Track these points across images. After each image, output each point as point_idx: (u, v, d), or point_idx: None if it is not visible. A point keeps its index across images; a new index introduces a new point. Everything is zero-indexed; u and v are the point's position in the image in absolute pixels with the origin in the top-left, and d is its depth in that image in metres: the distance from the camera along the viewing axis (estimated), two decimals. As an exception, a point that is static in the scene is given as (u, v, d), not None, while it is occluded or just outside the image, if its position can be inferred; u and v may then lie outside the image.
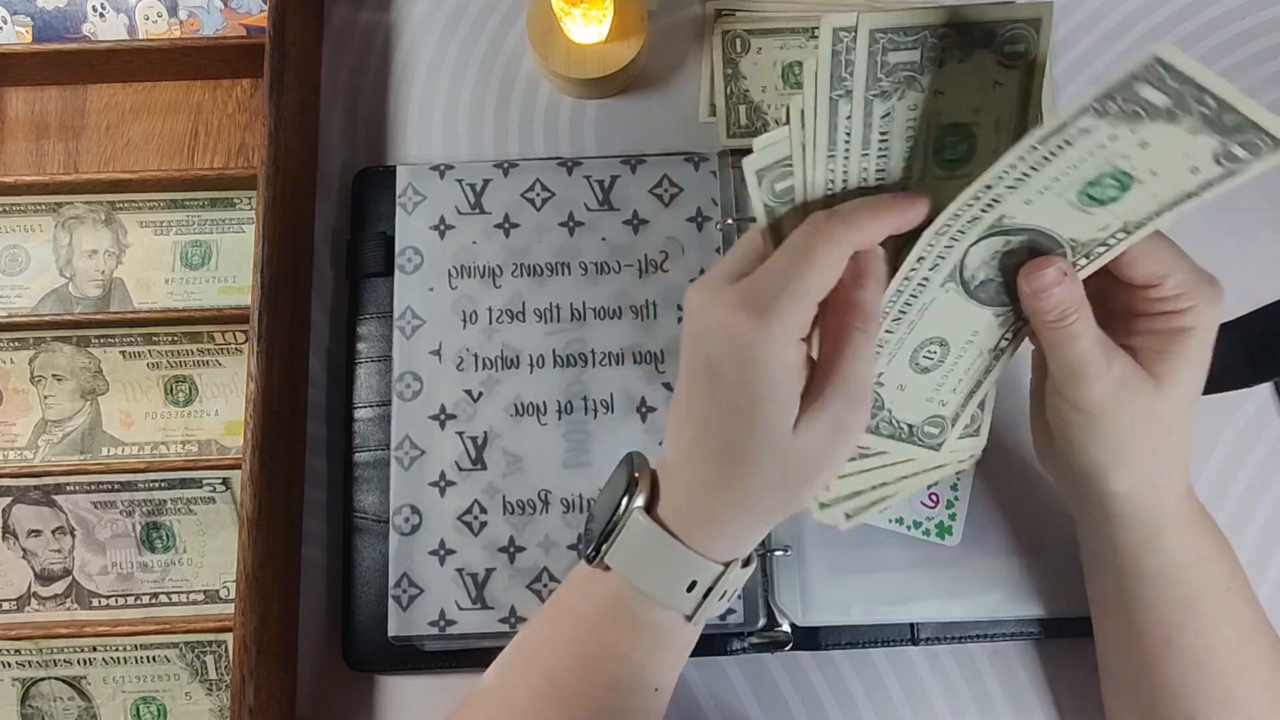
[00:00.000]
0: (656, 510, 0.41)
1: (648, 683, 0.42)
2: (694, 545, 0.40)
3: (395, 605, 0.53)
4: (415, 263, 0.57)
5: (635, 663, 0.42)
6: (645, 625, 0.41)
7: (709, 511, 0.40)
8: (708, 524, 0.40)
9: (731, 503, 0.40)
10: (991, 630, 0.54)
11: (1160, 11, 0.65)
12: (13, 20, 0.63)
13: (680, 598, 0.41)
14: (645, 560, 0.41)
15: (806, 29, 0.64)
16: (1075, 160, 0.35)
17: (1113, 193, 0.36)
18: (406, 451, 0.55)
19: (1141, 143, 0.34)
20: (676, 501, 0.41)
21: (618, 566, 0.41)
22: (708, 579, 0.40)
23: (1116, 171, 0.36)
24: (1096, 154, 0.35)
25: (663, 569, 0.41)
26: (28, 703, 0.54)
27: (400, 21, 0.66)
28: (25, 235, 0.61)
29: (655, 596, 0.41)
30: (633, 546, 0.41)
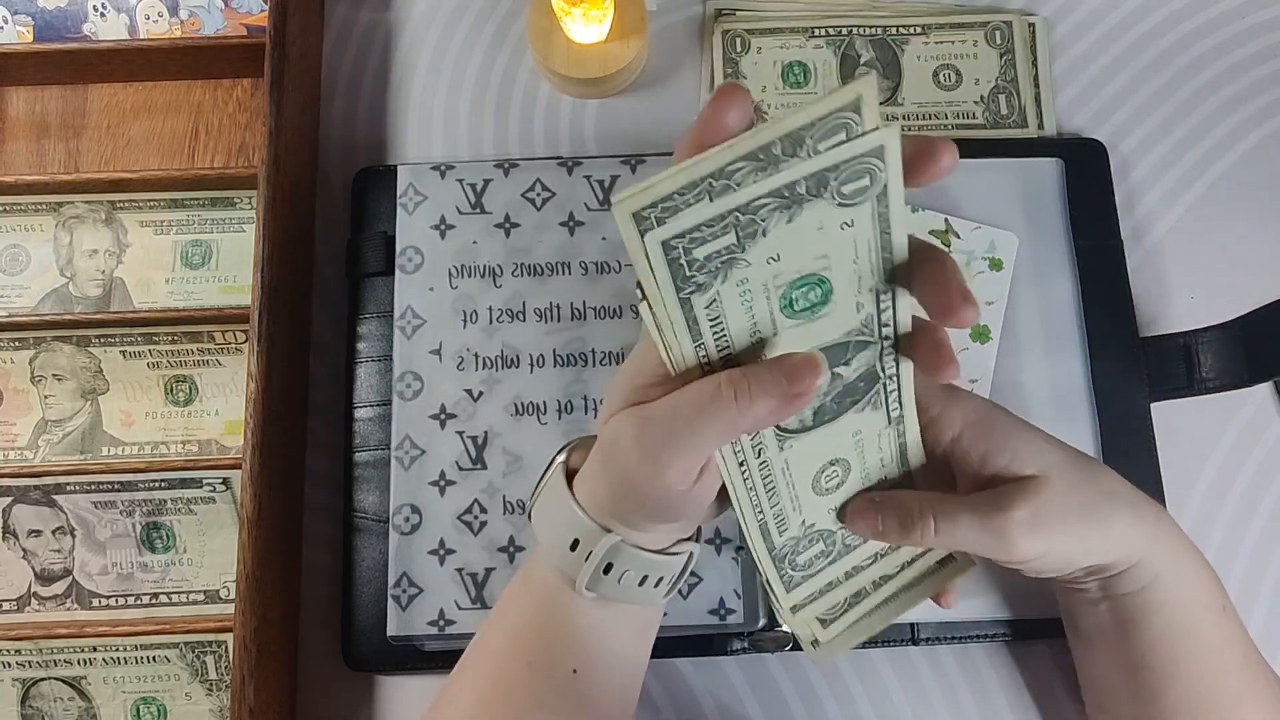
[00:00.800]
0: (579, 469, 0.42)
1: (561, 662, 0.42)
2: (586, 505, 0.41)
3: (394, 605, 0.53)
4: (416, 262, 0.57)
5: (546, 641, 0.42)
6: (549, 600, 0.42)
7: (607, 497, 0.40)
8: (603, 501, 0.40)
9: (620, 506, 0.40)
10: (991, 630, 0.54)
11: (1160, 11, 0.65)
12: (13, 20, 0.63)
13: (565, 556, 0.41)
14: (546, 512, 0.42)
15: (806, 29, 0.64)
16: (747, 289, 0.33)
17: (817, 296, 0.34)
18: (407, 451, 0.55)
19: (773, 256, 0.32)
20: (595, 464, 0.41)
21: (533, 522, 0.43)
22: (589, 540, 0.40)
23: (802, 278, 0.34)
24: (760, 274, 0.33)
25: (554, 520, 0.42)
26: (28, 703, 0.54)
27: (400, 21, 0.66)
28: (25, 235, 0.61)
29: (547, 551, 0.42)
30: (544, 500, 0.43)
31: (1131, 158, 0.62)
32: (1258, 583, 0.56)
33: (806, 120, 0.29)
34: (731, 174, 0.30)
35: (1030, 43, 0.64)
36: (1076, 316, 0.58)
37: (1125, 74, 0.64)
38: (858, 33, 0.64)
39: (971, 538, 0.41)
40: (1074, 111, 0.63)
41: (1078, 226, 0.59)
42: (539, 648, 0.42)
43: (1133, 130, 0.63)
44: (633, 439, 0.37)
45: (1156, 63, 0.64)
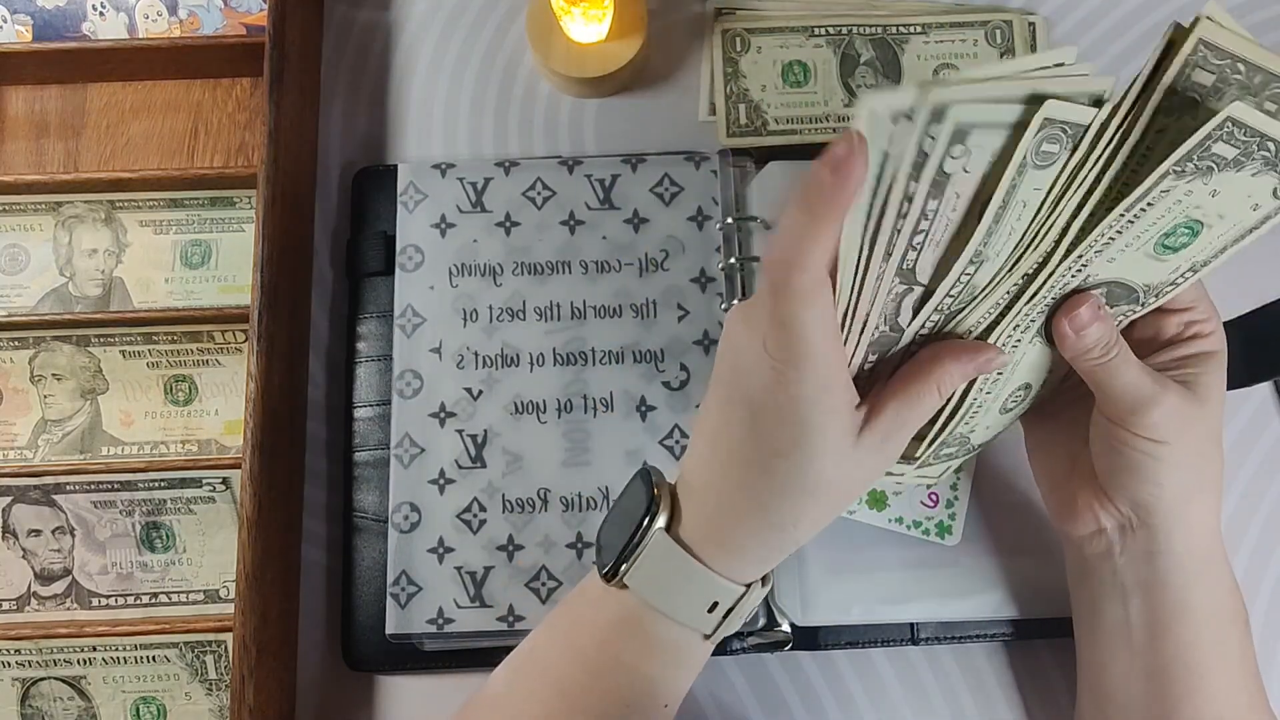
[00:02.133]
0: (678, 530, 0.41)
1: (658, 699, 0.42)
2: (717, 568, 0.40)
3: (394, 603, 0.53)
4: (416, 261, 0.57)
5: (648, 679, 0.42)
6: (661, 643, 0.41)
7: (736, 536, 0.40)
8: (733, 548, 0.40)
9: (761, 530, 0.40)
10: (991, 630, 0.54)
11: (1160, 11, 0.65)
12: (13, 19, 0.63)
13: (701, 618, 0.41)
14: (666, 581, 0.40)
15: (806, 28, 0.64)
16: (1155, 218, 0.37)
17: (1185, 239, 0.38)
18: (406, 449, 0.55)
19: (1212, 192, 0.36)
20: (701, 523, 0.40)
21: (636, 586, 0.41)
22: (729, 600, 0.40)
23: (1189, 221, 0.37)
24: (1173, 209, 0.37)
25: (684, 590, 0.40)
26: (28, 703, 0.54)
27: (400, 21, 0.66)
28: (25, 234, 0.61)
29: (675, 617, 0.41)
30: (653, 567, 0.40)
31: (1131, 157, 0.62)
32: (1258, 582, 0.56)
33: None
34: None
35: (1030, 42, 0.64)
36: (1077, 316, 0.57)
37: (1125, 74, 0.64)
38: (858, 32, 0.64)
39: (1130, 385, 0.42)
40: (1074, 111, 0.63)
41: (1078, 226, 0.59)
42: (641, 687, 0.42)
43: (1133, 130, 0.63)
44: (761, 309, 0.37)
45: (1156, 62, 0.64)
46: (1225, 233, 0.38)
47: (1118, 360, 0.42)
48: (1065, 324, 0.41)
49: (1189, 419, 0.42)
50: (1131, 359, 0.42)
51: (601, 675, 0.42)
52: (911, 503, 0.55)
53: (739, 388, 0.38)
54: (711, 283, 0.57)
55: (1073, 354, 0.42)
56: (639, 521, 0.41)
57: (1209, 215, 0.37)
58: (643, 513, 0.41)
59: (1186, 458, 0.43)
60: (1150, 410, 0.42)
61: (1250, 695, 0.45)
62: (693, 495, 0.41)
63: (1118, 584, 0.46)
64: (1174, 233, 0.38)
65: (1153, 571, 0.45)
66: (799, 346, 0.36)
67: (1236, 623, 0.45)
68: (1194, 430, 0.43)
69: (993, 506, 0.55)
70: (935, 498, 0.55)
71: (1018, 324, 0.41)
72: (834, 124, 0.62)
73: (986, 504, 0.55)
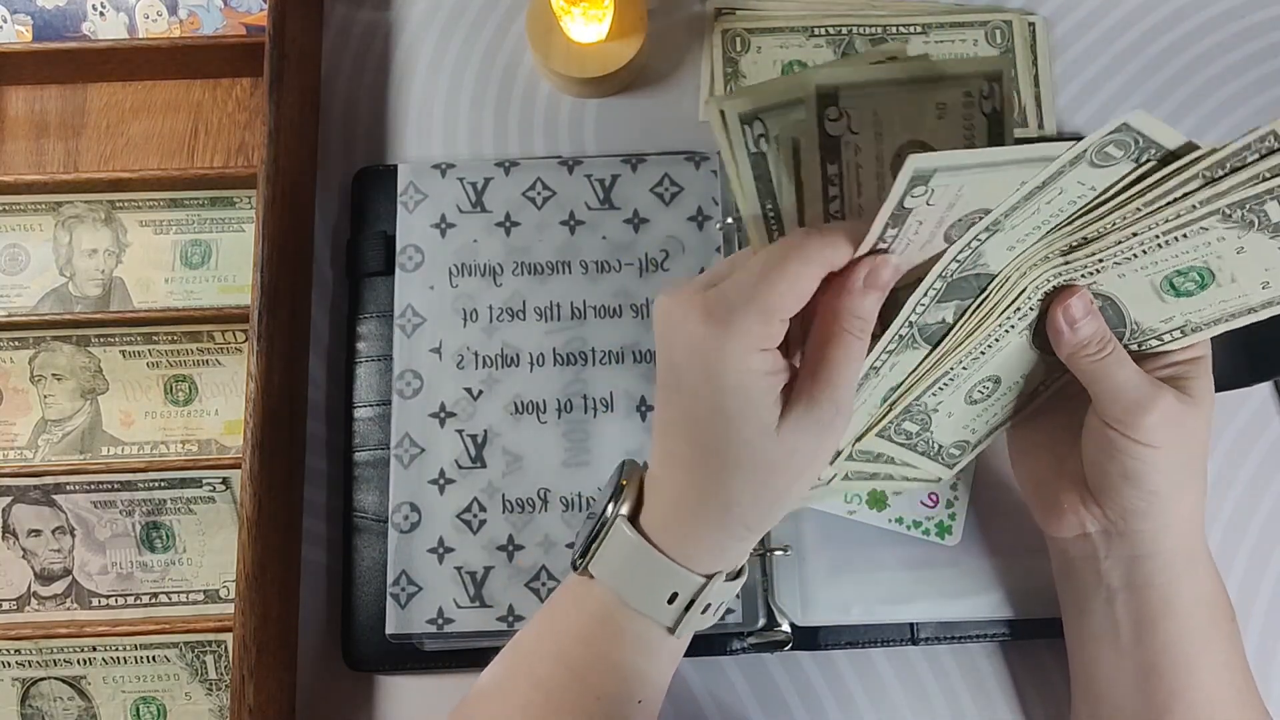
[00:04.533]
0: (640, 520, 0.41)
1: (632, 693, 0.42)
2: (674, 556, 0.40)
3: (393, 603, 0.53)
4: (416, 261, 0.57)
5: (620, 672, 0.42)
6: (629, 635, 0.41)
7: (689, 522, 0.40)
8: (688, 535, 0.40)
9: (711, 513, 0.39)
10: (991, 630, 0.54)
11: (1160, 11, 0.65)
12: (12, 19, 0.63)
13: (661, 609, 0.40)
14: (627, 570, 0.41)
15: (806, 28, 0.64)
16: (1181, 250, 0.37)
17: (1192, 288, 0.39)
18: (406, 449, 0.55)
19: (1239, 249, 0.37)
20: (658, 511, 0.40)
21: (601, 575, 0.41)
22: (689, 591, 0.40)
23: (1205, 268, 0.38)
24: (1200, 249, 0.37)
25: (643, 579, 0.40)
26: (28, 703, 0.54)
27: (400, 20, 0.66)
28: (25, 234, 0.61)
29: (636, 607, 0.41)
30: (615, 555, 0.41)
31: (1131, 157, 0.62)
32: (1257, 582, 0.56)
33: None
34: None
35: (1030, 42, 0.64)
36: (1076, 316, 0.57)
37: (1125, 73, 0.64)
38: (857, 32, 0.64)
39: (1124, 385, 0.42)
40: (1074, 111, 0.63)
41: (1078, 226, 0.59)
42: (613, 682, 0.42)
43: (1133, 130, 0.63)
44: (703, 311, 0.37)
45: (1156, 62, 0.64)
46: (1228, 301, 0.39)
47: (1113, 358, 0.42)
48: (1060, 316, 0.41)
49: (1182, 422, 0.42)
50: (1126, 358, 0.42)
51: (576, 670, 0.42)
52: (911, 503, 0.55)
53: (666, 365, 0.39)
54: (711, 283, 0.57)
55: (1069, 349, 0.42)
56: (603, 509, 0.41)
57: (1223, 272, 0.38)
58: (607, 500, 0.41)
59: (1178, 460, 0.43)
60: (1147, 413, 0.42)
61: (1240, 689, 0.45)
62: (653, 483, 0.41)
63: (1103, 585, 0.46)
64: (1187, 274, 0.38)
65: (1139, 573, 0.45)
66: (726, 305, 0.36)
67: (1223, 618, 0.45)
68: (1186, 433, 0.43)
69: (993, 507, 0.55)
70: (935, 498, 0.55)
71: (1018, 307, 0.41)
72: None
73: (986, 504, 0.55)
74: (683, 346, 0.38)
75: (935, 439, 0.47)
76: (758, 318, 0.36)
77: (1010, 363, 0.45)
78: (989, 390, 0.46)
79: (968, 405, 0.46)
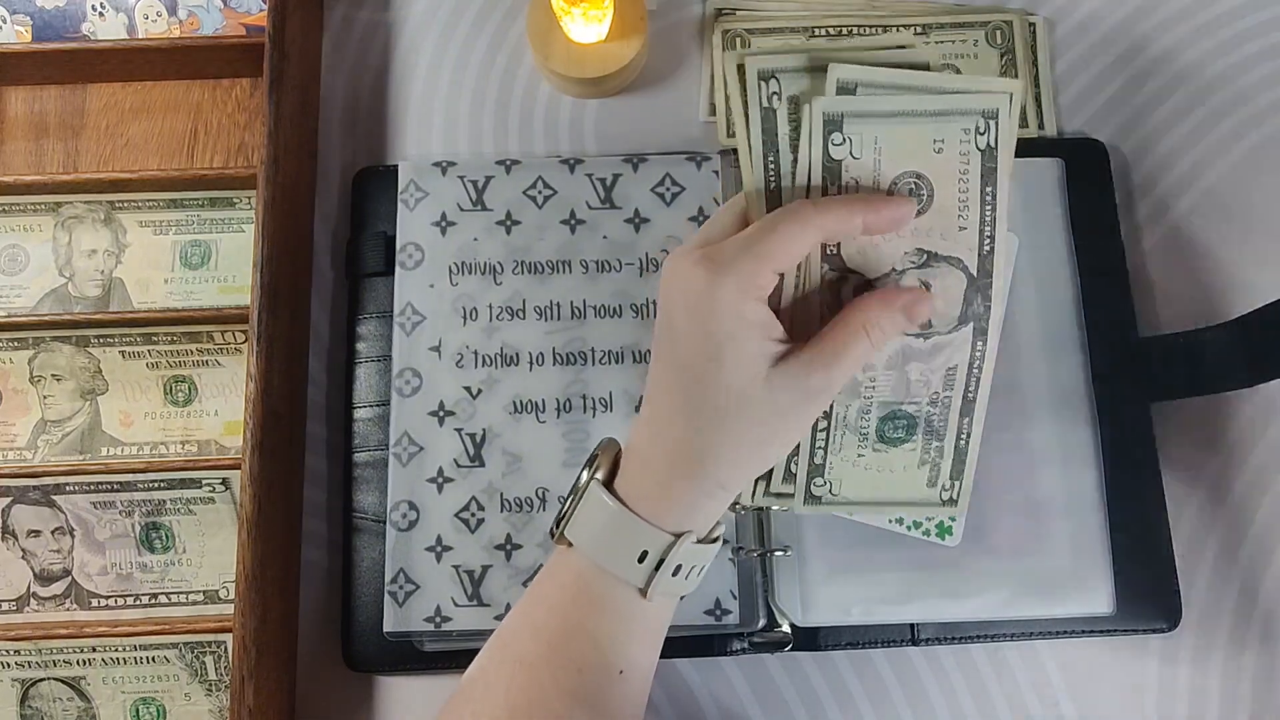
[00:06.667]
0: (615, 484, 0.42)
1: (612, 664, 0.42)
2: (642, 513, 0.41)
3: (391, 601, 0.53)
4: (416, 259, 0.57)
5: (597, 642, 0.42)
6: (603, 601, 0.42)
7: (661, 477, 0.41)
8: (659, 491, 0.41)
9: (686, 463, 0.40)
10: (991, 630, 0.54)
11: (1160, 11, 0.65)
12: (12, 19, 0.63)
13: (631, 568, 0.41)
14: (598, 531, 0.42)
15: (806, 28, 0.64)
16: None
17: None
18: (405, 448, 0.55)
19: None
20: (632, 472, 0.42)
21: (576, 540, 0.42)
22: (658, 549, 0.41)
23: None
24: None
25: (613, 538, 0.41)
26: (27, 703, 0.54)
27: (400, 21, 0.66)
28: (24, 235, 0.61)
29: (607, 567, 0.41)
30: (588, 518, 0.42)
31: (1131, 158, 0.62)
32: (1257, 583, 0.56)
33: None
34: None
35: (1030, 43, 0.64)
36: (1076, 316, 0.57)
37: (1125, 74, 0.64)
38: (857, 32, 0.64)
39: None
40: (1074, 111, 0.63)
41: (1078, 226, 0.59)
42: (592, 651, 0.42)
43: (1133, 130, 0.63)
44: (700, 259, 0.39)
45: (1156, 63, 0.64)
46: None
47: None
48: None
49: None
50: None
51: (554, 643, 0.42)
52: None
53: (663, 318, 0.41)
54: (711, 283, 0.57)
55: None
56: (578, 475, 0.43)
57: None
58: (583, 467, 0.43)
59: None
60: None
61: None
62: (629, 452, 0.43)
63: None
64: None
65: None
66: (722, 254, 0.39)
67: None
68: None
69: (993, 506, 0.55)
70: None
71: None
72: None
73: (986, 504, 0.55)
74: (679, 294, 0.40)
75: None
76: (750, 262, 0.38)
77: None
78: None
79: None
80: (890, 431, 0.45)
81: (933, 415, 0.45)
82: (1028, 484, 0.55)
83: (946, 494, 0.46)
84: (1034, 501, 0.55)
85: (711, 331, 0.39)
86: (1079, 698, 0.55)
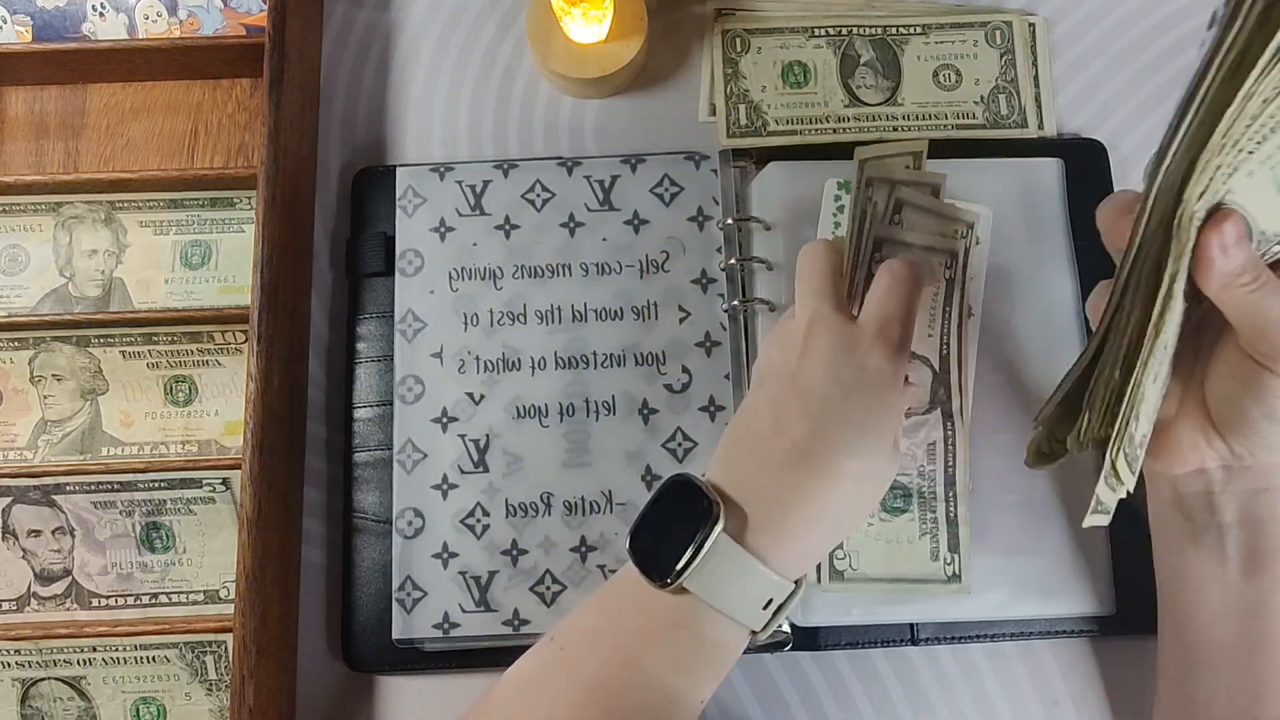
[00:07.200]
0: (736, 530, 0.42)
1: (698, 697, 0.43)
2: (774, 566, 0.42)
3: (399, 608, 0.53)
4: (416, 265, 0.57)
5: (693, 676, 0.43)
6: (710, 642, 0.43)
7: (794, 530, 0.43)
8: (789, 543, 0.43)
9: (816, 520, 0.43)
10: (991, 630, 0.54)
11: (1160, 11, 0.65)
12: (12, 19, 0.63)
13: (755, 615, 0.43)
14: (727, 582, 0.42)
15: (806, 29, 0.64)
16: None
17: None
18: (409, 455, 0.55)
19: None
20: (758, 523, 0.43)
21: (698, 589, 0.42)
22: (782, 595, 0.43)
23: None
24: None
25: (742, 590, 0.42)
26: (27, 703, 0.54)
27: (400, 21, 0.66)
28: (25, 235, 0.61)
29: (733, 615, 0.42)
30: (715, 570, 0.42)
31: (1131, 158, 0.62)
32: (1257, 583, 0.56)
33: None
34: None
35: (1030, 43, 0.64)
36: (1076, 316, 0.58)
37: (1125, 74, 0.64)
38: (858, 32, 0.64)
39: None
40: (1074, 111, 0.63)
41: (1078, 226, 0.59)
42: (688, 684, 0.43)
43: (1133, 130, 0.63)
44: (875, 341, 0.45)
45: (1156, 63, 0.64)
46: None
47: (1268, 288, 0.39)
48: (1213, 242, 0.38)
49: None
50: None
51: (649, 670, 0.42)
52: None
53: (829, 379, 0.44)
54: (713, 284, 0.57)
55: (1221, 279, 0.39)
56: (699, 526, 0.42)
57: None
58: (702, 517, 0.42)
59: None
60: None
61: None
62: (743, 495, 0.43)
63: (1214, 520, 0.45)
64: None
65: (1260, 506, 0.44)
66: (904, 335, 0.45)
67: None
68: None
69: (993, 507, 0.55)
70: None
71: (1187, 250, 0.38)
72: (834, 124, 0.62)
73: (987, 504, 0.55)
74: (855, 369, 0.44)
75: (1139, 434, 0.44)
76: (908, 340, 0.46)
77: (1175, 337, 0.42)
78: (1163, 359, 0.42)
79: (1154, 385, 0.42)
80: (891, 501, 0.52)
81: (923, 487, 0.52)
82: (1028, 484, 0.55)
83: (950, 569, 0.51)
84: (1034, 501, 0.55)
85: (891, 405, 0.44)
86: (1079, 698, 0.55)
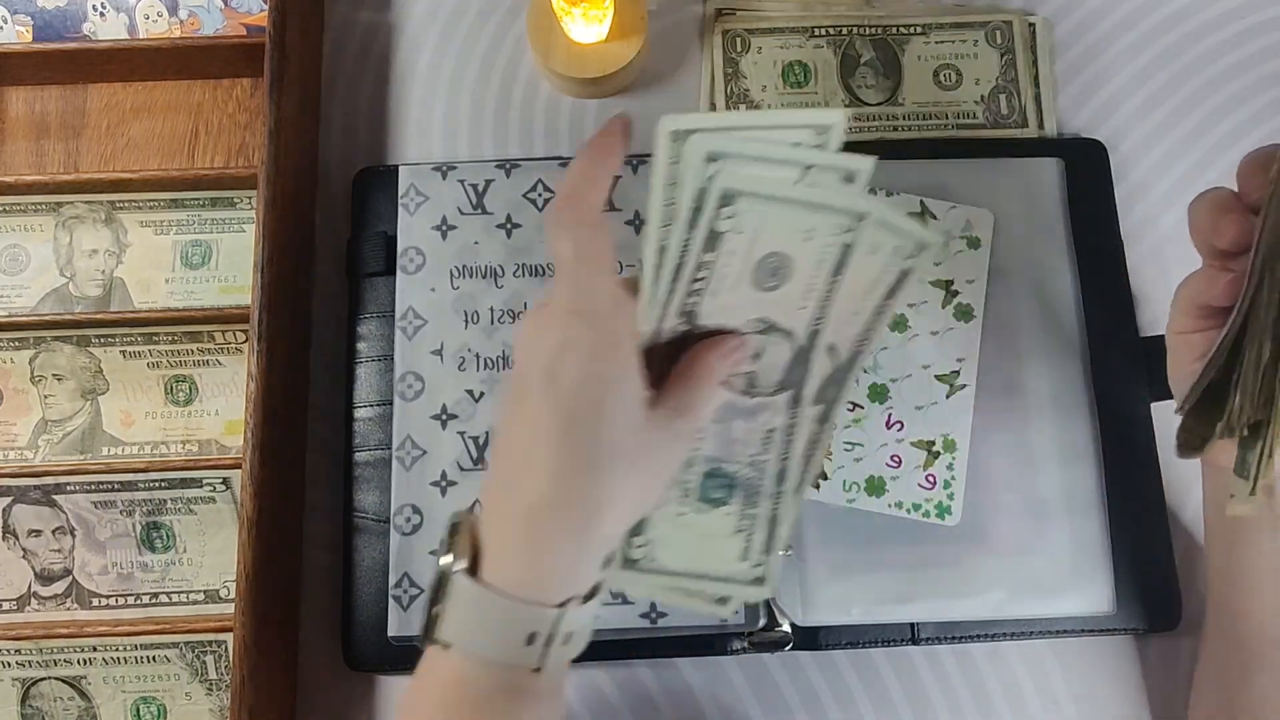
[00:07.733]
0: (483, 569, 0.38)
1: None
2: (523, 595, 0.37)
3: (396, 605, 0.53)
4: (417, 263, 0.57)
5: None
6: (499, 691, 0.38)
7: (538, 546, 0.37)
8: (536, 563, 0.37)
9: (560, 528, 0.37)
10: (991, 630, 0.54)
11: (1160, 11, 0.65)
12: (13, 20, 0.63)
13: (521, 653, 0.37)
14: (476, 627, 0.37)
15: (806, 29, 0.64)
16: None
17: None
18: (408, 452, 0.55)
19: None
20: (499, 550, 0.38)
21: (453, 641, 0.38)
22: (546, 626, 0.37)
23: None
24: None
25: (495, 630, 0.37)
26: (28, 703, 0.54)
27: (400, 21, 0.66)
28: (25, 235, 0.61)
29: (496, 659, 0.37)
30: (462, 616, 0.38)
31: (1131, 158, 0.62)
32: (1257, 582, 0.56)
33: None
34: None
35: (1030, 43, 0.64)
36: (1076, 316, 0.58)
37: (1125, 74, 0.64)
38: (858, 32, 0.64)
39: None
40: (1074, 111, 0.63)
41: (1078, 226, 0.59)
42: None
43: (1133, 130, 0.63)
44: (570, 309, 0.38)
45: (1156, 63, 0.64)
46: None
47: None
48: None
49: None
50: None
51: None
52: (909, 486, 0.55)
53: (534, 370, 0.37)
54: (712, 283, 0.57)
55: None
56: (438, 579, 0.38)
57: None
58: (440, 557, 0.38)
59: None
60: None
61: None
62: (492, 523, 0.38)
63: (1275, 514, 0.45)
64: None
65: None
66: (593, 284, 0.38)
67: None
68: None
69: (993, 506, 0.55)
70: (933, 479, 0.55)
71: None
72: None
73: (986, 504, 0.55)
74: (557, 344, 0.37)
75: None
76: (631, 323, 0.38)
77: None
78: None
79: None
80: (711, 490, 0.44)
81: (751, 478, 0.44)
82: (1028, 484, 0.55)
83: (756, 570, 0.44)
84: (1034, 501, 0.55)
85: (591, 371, 0.37)
86: (1079, 698, 0.55)
